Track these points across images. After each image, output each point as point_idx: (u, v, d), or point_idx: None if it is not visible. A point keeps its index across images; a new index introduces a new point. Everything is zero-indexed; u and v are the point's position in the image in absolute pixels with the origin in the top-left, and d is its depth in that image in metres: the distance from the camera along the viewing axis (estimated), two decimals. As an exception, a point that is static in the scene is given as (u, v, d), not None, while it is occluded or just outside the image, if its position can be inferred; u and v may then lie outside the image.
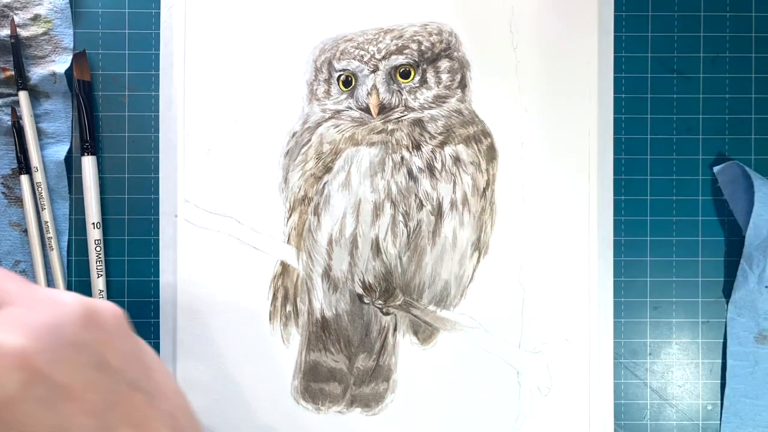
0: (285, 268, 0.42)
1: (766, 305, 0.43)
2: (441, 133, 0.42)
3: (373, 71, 0.42)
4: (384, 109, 0.42)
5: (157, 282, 0.43)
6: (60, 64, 0.42)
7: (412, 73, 0.42)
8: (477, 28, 0.42)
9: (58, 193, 0.43)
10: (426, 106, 0.42)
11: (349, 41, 0.42)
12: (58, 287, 0.42)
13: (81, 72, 0.42)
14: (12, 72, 0.42)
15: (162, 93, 0.43)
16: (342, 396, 0.43)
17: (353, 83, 0.42)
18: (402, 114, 0.42)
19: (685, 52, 0.43)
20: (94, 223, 0.42)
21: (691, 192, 0.43)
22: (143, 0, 0.43)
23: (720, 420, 0.43)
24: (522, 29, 0.42)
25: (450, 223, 0.42)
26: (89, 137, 0.42)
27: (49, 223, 0.42)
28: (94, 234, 0.42)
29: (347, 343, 0.43)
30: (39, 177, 0.42)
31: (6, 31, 0.42)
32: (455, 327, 0.42)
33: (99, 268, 0.42)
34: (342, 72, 0.42)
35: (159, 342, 0.42)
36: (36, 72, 0.42)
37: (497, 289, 0.42)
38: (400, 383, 0.42)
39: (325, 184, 0.42)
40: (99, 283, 0.42)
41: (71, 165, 0.43)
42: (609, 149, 0.43)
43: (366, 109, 0.42)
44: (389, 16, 0.42)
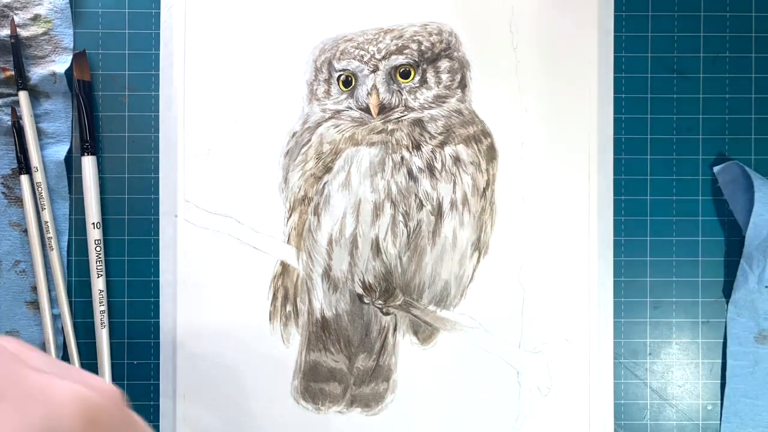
0: (285, 268, 0.42)
1: (766, 305, 0.43)
2: (441, 133, 0.42)
3: (373, 71, 0.42)
4: (384, 109, 0.42)
5: (157, 282, 0.43)
6: (60, 64, 0.42)
7: (412, 73, 0.42)
8: (477, 28, 0.42)
9: (58, 193, 0.43)
10: (426, 106, 0.42)
11: (349, 41, 0.42)
12: (58, 287, 0.42)
13: (81, 72, 0.42)
14: (12, 72, 0.42)
15: (162, 93, 0.43)
16: (342, 396, 0.43)
17: (353, 83, 0.42)
18: (402, 114, 0.42)
19: (685, 52, 0.43)
20: (94, 223, 0.42)
21: (691, 192, 0.43)
22: (143, 0, 0.43)
23: (720, 420, 0.43)
24: (522, 29, 0.42)
25: (450, 223, 0.42)
26: (89, 137, 0.42)
27: (49, 223, 0.42)
28: (94, 234, 0.42)
29: (347, 343, 0.43)
30: (39, 177, 0.42)
31: (6, 31, 0.42)
32: (455, 327, 0.42)
33: (99, 268, 0.42)
34: (342, 72, 0.42)
35: (159, 342, 0.42)
36: (36, 72, 0.42)
37: (497, 289, 0.42)
38: (400, 383, 0.42)
39: (325, 184, 0.42)
40: (99, 283, 0.42)
41: (71, 165, 0.43)
42: (609, 149, 0.43)
43: (366, 109, 0.42)
44: (389, 16, 0.42)
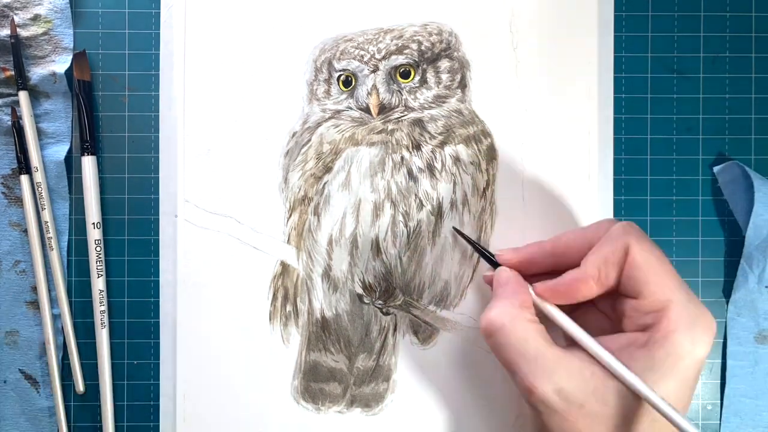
0: (285, 268, 0.42)
1: (766, 305, 0.43)
2: (441, 133, 0.42)
3: (373, 71, 0.42)
4: (384, 109, 0.42)
5: (157, 282, 0.43)
6: (60, 64, 0.42)
7: (412, 73, 0.42)
8: (477, 28, 0.42)
9: (58, 193, 0.43)
10: (426, 106, 0.42)
11: (349, 41, 0.42)
12: (58, 287, 0.42)
13: (81, 72, 0.42)
14: (12, 72, 0.42)
15: (162, 93, 0.43)
16: (342, 396, 0.43)
17: (353, 83, 0.42)
18: (402, 114, 0.42)
19: (685, 52, 0.43)
20: (94, 223, 0.42)
21: (691, 192, 0.43)
22: (143, 0, 0.43)
23: (720, 420, 0.43)
24: (522, 29, 0.42)
25: (450, 223, 0.42)
26: (89, 137, 0.42)
27: (49, 223, 0.42)
28: (94, 234, 0.42)
29: (347, 343, 0.43)
30: (39, 177, 0.42)
31: (6, 31, 0.42)
32: (455, 327, 0.42)
33: (99, 268, 0.42)
34: (342, 72, 0.42)
35: (159, 342, 0.42)
36: (36, 72, 0.42)
37: (497, 289, 0.42)
38: (400, 383, 0.42)
39: (325, 184, 0.42)
40: (99, 283, 0.42)
41: (71, 165, 0.43)
42: (609, 149, 0.43)
43: (366, 109, 0.42)
44: (389, 16, 0.42)
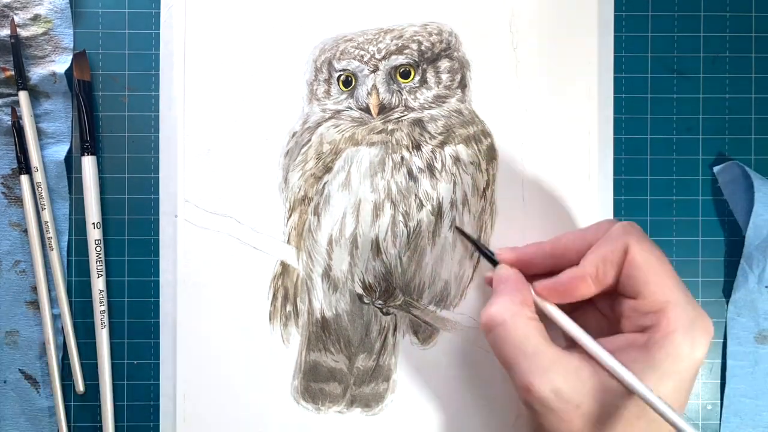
0: (285, 268, 0.42)
1: (766, 305, 0.43)
2: (441, 133, 0.42)
3: (373, 71, 0.42)
4: (384, 109, 0.42)
5: (157, 282, 0.43)
6: (60, 64, 0.42)
7: (412, 73, 0.42)
8: (477, 28, 0.42)
9: (58, 193, 0.43)
10: (426, 106, 0.42)
11: (349, 41, 0.42)
12: (58, 287, 0.42)
13: (81, 72, 0.42)
14: (12, 72, 0.42)
15: (162, 93, 0.43)
16: (342, 396, 0.43)
17: (353, 83, 0.42)
18: (402, 114, 0.42)
19: (685, 52, 0.43)
20: (94, 223, 0.42)
21: (691, 192, 0.43)
22: (143, 0, 0.43)
23: (720, 420, 0.43)
24: (522, 29, 0.42)
25: (450, 223, 0.42)
26: (89, 137, 0.42)
27: (49, 223, 0.42)
28: (94, 234, 0.42)
29: (347, 343, 0.43)
30: (39, 177, 0.42)
31: (6, 31, 0.42)
32: (455, 327, 0.42)
33: (99, 268, 0.42)
34: (342, 72, 0.42)
35: (159, 342, 0.42)
36: (36, 72, 0.42)
37: (497, 289, 0.42)
38: (400, 383, 0.42)
39: (325, 184, 0.42)
40: (99, 283, 0.42)
41: (71, 165, 0.43)
42: (609, 149, 0.43)
43: (366, 109, 0.42)
44: (389, 16, 0.42)
